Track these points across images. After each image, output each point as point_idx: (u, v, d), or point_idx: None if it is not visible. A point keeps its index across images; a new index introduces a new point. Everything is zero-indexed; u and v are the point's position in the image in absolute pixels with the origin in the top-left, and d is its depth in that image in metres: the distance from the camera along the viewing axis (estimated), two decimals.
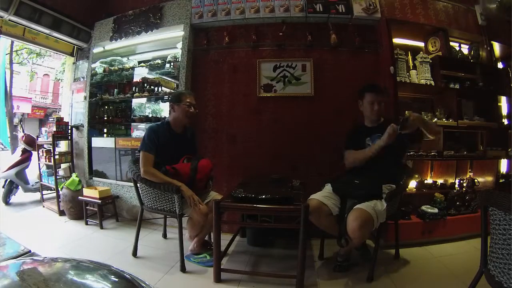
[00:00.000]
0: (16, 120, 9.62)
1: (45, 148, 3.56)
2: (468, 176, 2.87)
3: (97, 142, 3.44)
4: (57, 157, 3.32)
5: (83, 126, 3.50)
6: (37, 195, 3.79)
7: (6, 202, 3.66)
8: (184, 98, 2.10)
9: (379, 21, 2.71)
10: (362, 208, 1.71)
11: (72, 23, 3.37)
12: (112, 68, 3.49)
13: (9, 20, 2.91)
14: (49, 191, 3.65)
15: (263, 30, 2.84)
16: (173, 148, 2.08)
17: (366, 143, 2.05)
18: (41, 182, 3.63)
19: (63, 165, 3.56)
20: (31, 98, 14.17)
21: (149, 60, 3.48)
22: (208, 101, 2.92)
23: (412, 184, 2.72)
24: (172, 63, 3.22)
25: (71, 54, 3.82)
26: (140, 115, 3.46)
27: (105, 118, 3.49)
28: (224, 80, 2.92)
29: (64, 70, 5.76)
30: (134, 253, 2.20)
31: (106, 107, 3.54)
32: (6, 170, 3.68)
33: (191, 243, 2.19)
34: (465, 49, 3.11)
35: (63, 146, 3.74)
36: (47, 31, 3.24)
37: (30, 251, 0.88)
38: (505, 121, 3.09)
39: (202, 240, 2.20)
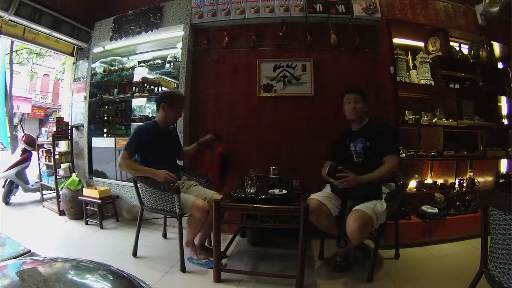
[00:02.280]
0: (16, 120, 9.65)
1: (45, 148, 3.57)
2: (468, 176, 2.86)
3: (97, 142, 3.44)
4: (57, 157, 3.32)
5: (83, 126, 3.50)
6: (37, 195, 3.79)
7: (6, 202, 3.66)
8: (178, 102, 2.21)
9: (379, 21, 2.71)
10: (362, 210, 1.70)
11: (72, 23, 3.38)
12: (112, 68, 3.50)
13: (9, 20, 2.91)
14: (49, 191, 3.65)
15: (263, 30, 2.85)
16: (161, 145, 2.15)
17: (349, 149, 2.05)
18: (41, 182, 3.64)
19: (63, 165, 3.57)
20: (31, 98, 14.16)
21: (149, 60, 3.49)
22: (208, 101, 2.93)
23: (412, 184, 2.73)
24: (172, 63, 3.22)
25: (71, 54, 3.82)
26: (140, 115, 3.46)
27: (105, 118, 3.49)
28: (224, 80, 2.92)
29: (64, 70, 5.76)
30: (134, 253, 2.20)
31: (106, 107, 3.54)
32: (6, 170, 3.68)
33: (190, 250, 2.10)
34: (465, 49, 3.11)
35: (63, 146, 3.75)
36: (47, 31, 3.25)
37: (30, 251, 0.88)
38: (505, 121, 3.08)
39: (203, 242, 2.17)
